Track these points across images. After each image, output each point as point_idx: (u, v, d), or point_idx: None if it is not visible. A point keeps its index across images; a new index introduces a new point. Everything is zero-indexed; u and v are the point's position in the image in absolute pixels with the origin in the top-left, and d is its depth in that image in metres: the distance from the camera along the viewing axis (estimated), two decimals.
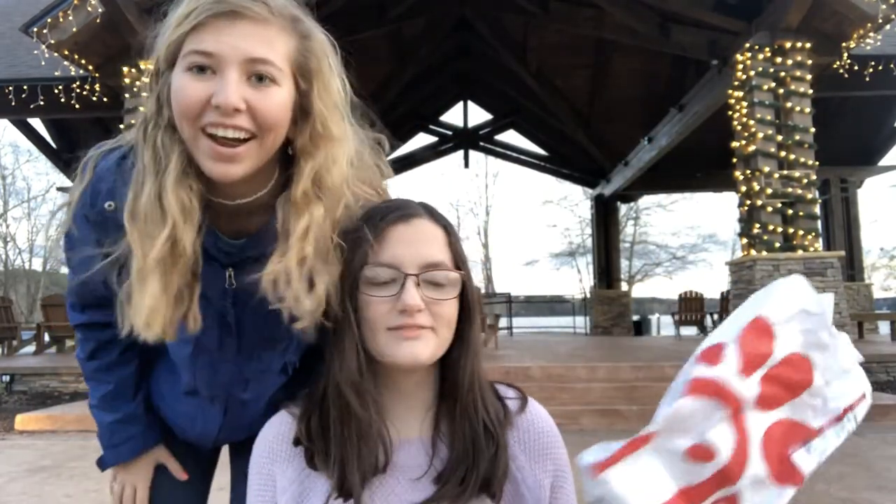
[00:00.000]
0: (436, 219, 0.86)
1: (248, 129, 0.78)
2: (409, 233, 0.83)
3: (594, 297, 15.76)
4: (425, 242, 0.83)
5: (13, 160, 30.03)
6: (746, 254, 7.15)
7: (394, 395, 0.85)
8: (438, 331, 0.81)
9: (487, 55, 13.47)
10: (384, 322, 0.80)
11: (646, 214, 31.30)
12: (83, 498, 3.66)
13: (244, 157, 0.79)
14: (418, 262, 0.81)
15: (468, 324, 0.85)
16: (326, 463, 0.80)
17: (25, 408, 6.85)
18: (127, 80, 7.28)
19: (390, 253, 0.82)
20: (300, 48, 0.83)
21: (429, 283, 0.81)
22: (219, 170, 0.79)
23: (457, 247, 0.86)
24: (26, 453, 4.89)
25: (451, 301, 0.83)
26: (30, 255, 31.34)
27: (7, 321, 10.59)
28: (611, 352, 9.42)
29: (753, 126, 7.13)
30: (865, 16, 6.71)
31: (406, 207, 0.86)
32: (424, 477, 0.81)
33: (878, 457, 4.38)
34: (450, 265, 0.83)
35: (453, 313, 0.83)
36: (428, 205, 0.89)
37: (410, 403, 0.85)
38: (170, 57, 0.82)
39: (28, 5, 10.40)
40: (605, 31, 10.24)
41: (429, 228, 0.84)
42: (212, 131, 0.77)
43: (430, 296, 0.81)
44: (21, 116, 10.74)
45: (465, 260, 0.87)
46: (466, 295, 0.85)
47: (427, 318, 0.80)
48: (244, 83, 0.78)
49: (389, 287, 0.81)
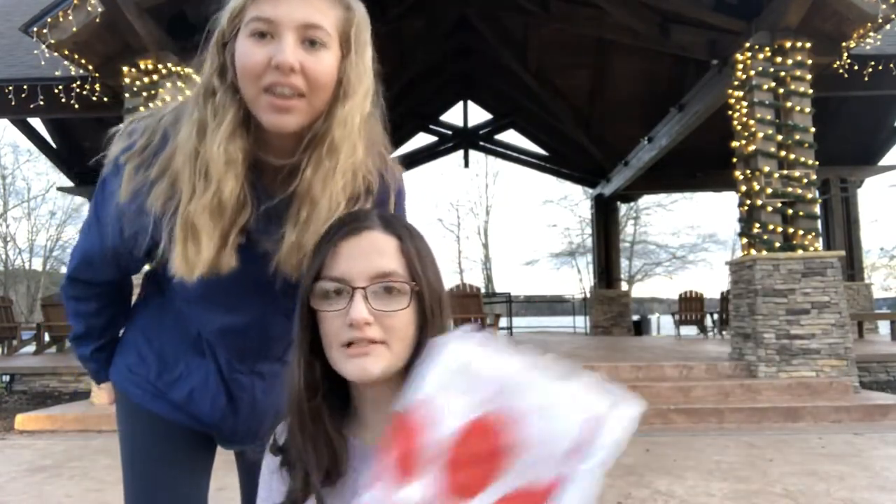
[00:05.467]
0: (390, 227, 0.85)
1: (301, 89, 0.88)
2: (359, 245, 0.82)
3: (594, 297, 15.75)
4: (374, 254, 0.82)
5: (13, 160, 30.04)
6: (746, 253, 7.15)
7: (365, 404, 0.86)
8: (391, 344, 0.80)
9: (487, 55, 13.46)
10: (337, 338, 0.80)
11: (646, 214, 31.33)
12: (83, 498, 3.66)
13: (297, 111, 0.89)
14: (367, 274, 0.80)
15: (426, 333, 0.83)
16: (289, 471, 0.83)
17: (25, 408, 6.85)
18: (127, 80, 7.27)
19: (340, 267, 0.81)
20: (345, 17, 0.92)
21: (378, 294, 0.80)
22: (276, 120, 0.89)
23: (411, 254, 0.83)
24: (26, 453, 4.89)
25: (403, 312, 0.81)
26: (30, 255, 31.36)
27: (7, 321, 10.59)
28: (611, 352, 9.42)
29: (753, 126, 7.13)
30: (865, 16, 6.70)
31: (358, 220, 0.85)
32: None
33: (878, 457, 4.38)
34: (402, 274, 0.82)
35: (406, 324, 0.81)
36: (385, 215, 0.88)
37: (383, 412, 0.84)
38: (233, 26, 0.91)
39: (28, 5, 10.39)
40: (605, 31, 10.23)
41: (379, 239, 0.83)
42: (271, 89, 0.87)
43: (381, 308, 0.80)
44: (21, 116, 10.73)
45: (426, 266, 0.85)
46: (423, 302, 0.83)
47: (377, 331, 0.79)
48: (299, 47, 0.87)
49: (340, 301, 0.80)
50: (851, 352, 6.66)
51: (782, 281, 6.74)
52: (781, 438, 5.05)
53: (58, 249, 32.00)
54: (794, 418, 5.72)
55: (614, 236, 16.50)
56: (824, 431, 5.28)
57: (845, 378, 6.50)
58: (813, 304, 6.70)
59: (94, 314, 1.19)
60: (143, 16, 6.92)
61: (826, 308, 6.69)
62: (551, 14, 10.58)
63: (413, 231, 0.87)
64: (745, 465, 4.22)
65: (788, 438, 5.04)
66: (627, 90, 12.83)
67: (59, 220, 31.39)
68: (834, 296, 6.71)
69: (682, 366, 6.92)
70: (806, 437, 5.04)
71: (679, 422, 5.71)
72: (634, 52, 11.30)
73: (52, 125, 12.25)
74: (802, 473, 3.96)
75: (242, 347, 1.10)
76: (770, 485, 3.73)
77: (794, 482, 3.77)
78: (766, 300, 6.73)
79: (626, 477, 3.88)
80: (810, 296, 6.71)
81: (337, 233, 0.84)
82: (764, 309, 6.72)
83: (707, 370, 6.91)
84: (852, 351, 6.69)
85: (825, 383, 6.44)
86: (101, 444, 5.17)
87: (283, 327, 1.03)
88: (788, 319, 6.68)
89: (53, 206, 33.93)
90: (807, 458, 4.35)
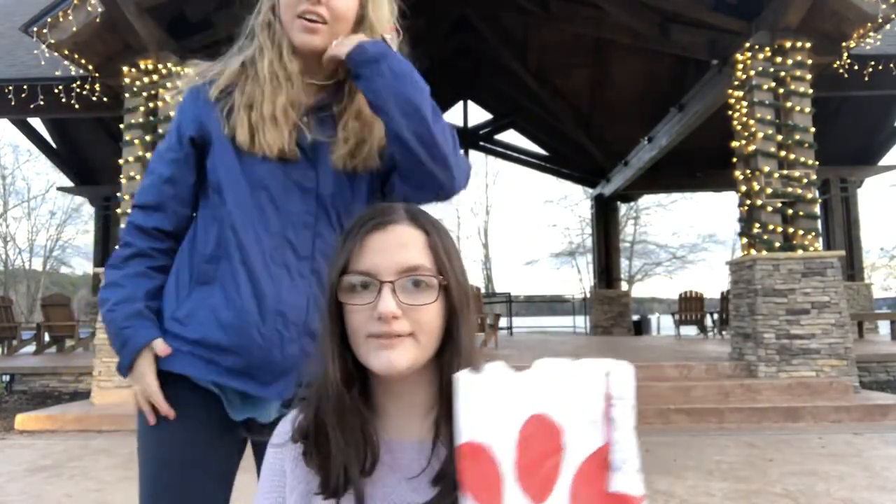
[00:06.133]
0: (416, 222, 0.85)
1: (325, 17, 1.15)
2: (386, 239, 0.82)
3: (594, 297, 15.75)
4: (402, 247, 0.82)
5: (13, 160, 30.13)
6: (746, 253, 7.15)
7: (391, 397, 0.86)
8: (419, 337, 0.81)
9: (487, 55, 13.47)
10: (364, 330, 0.80)
11: (646, 214, 31.35)
12: (83, 498, 3.66)
13: (321, 32, 1.16)
14: (394, 268, 0.81)
15: (456, 325, 0.83)
16: (315, 461, 0.82)
17: (25, 408, 6.85)
18: (127, 80, 7.27)
19: (367, 261, 0.82)
20: None
21: (406, 288, 0.81)
22: (305, 39, 1.16)
23: (438, 249, 0.84)
24: (26, 453, 4.89)
25: (431, 306, 0.81)
26: (30, 255, 31.39)
27: (7, 321, 10.59)
28: (611, 352, 9.43)
29: (753, 126, 7.13)
30: (865, 15, 6.70)
31: (384, 214, 0.85)
32: (422, 476, 0.81)
33: (878, 457, 4.39)
34: (429, 268, 0.82)
35: (434, 318, 0.82)
36: (412, 207, 0.88)
37: (409, 405, 0.85)
38: None
39: (28, 5, 10.39)
40: (605, 30, 10.23)
41: (406, 232, 0.84)
42: (303, 15, 1.15)
43: (408, 302, 0.80)
44: (21, 116, 10.74)
45: (453, 260, 0.85)
46: (451, 296, 0.83)
47: (405, 325, 0.80)
48: None
49: (367, 295, 0.81)
50: (851, 352, 6.66)
51: (782, 281, 6.74)
52: (781, 438, 5.05)
53: (58, 249, 32.04)
54: (794, 418, 5.72)
55: (614, 236, 16.50)
56: (824, 431, 5.28)
57: (845, 378, 6.50)
58: (813, 304, 6.70)
59: (145, 275, 1.22)
60: (143, 16, 6.92)
61: (826, 308, 6.69)
62: (551, 14, 10.58)
63: (439, 226, 0.87)
64: (745, 465, 4.22)
65: (788, 438, 5.04)
66: (627, 90, 12.83)
67: (59, 220, 31.44)
68: (834, 296, 6.71)
69: (682, 366, 6.92)
70: (806, 437, 5.04)
71: (679, 422, 5.71)
72: (634, 52, 11.30)
73: (52, 125, 12.26)
74: (802, 473, 3.96)
75: (278, 242, 1.18)
76: (770, 485, 3.73)
77: (794, 482, 3.77)
78: (766, 300, 6.73)
79: None
80: (810, 296, 6.71)
81: (363, 227, 0.84)
82: (764, 309, 6.72)
83: (707, 370, 6.91)
84: (852, 351, 6.69)
85: (825, 383, 6.44)
86: (101, 444, 5.17)
87: (308, 234, 1.19)
88: (788, 319, 6.68)
89: (53, 206, 34.00)
90: (807, 458, 4.35)
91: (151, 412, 1.15)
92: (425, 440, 0.84)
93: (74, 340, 10.95)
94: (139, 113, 7.25)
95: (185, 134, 1.22)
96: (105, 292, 1.20)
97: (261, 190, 1.17)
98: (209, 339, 1.14)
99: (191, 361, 1.15)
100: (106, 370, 6.57)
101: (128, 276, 1.20)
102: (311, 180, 1.19)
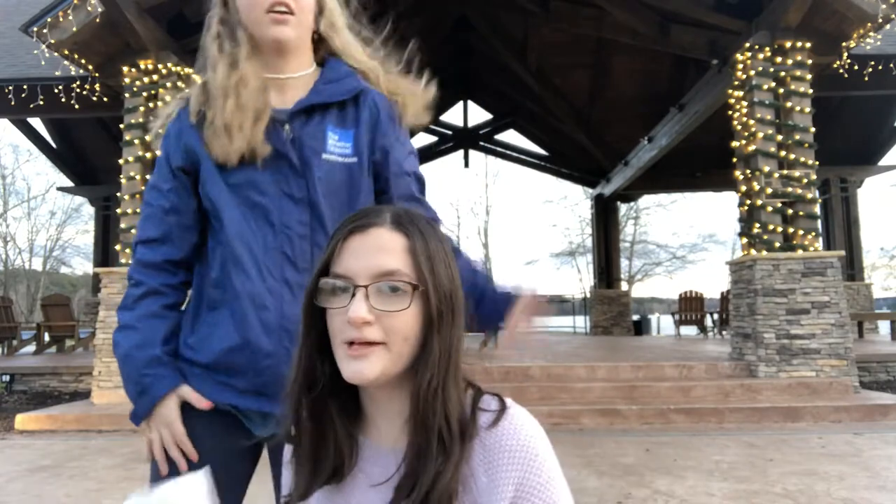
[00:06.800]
0: (399, 225, 0.82)
1: (292, 8, 1.18)
2: (364, 242, 0.80)
3: (594, 297, 15.75)
4: (379, 251, 0.80)
5: (13, 160, 30.17)
6: (746, 253, 7.15)
7: (372, 403, 0.85)
8: (392, 346, 0.78)
9: (487, 55, 13.46)
10: (340, 335, 0.79)
11: (646, 214, 31.36)
12: (83, 498, 3.66)
13: (292, 24, 1.19)
14: (369, 272, 0.78)
15: (432, 333, 0.80)
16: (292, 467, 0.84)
17: (25, 408, 6.85)
18: (127, 80, 7.27)
19: (344, 264, 0.80)
20: None
21: (382, 293, 0.78)
22: (278, 31, 1.19)
23: (419, 254, 0.80)
24: (26, 453, 4.89)
25: (404, 312, 0.78)
26: (30, 255, 31.39)
27: (7, 321, 10.59)
28: (611, 352, 9.42)
29: (753, 126, 7.13)
30: (865, 15, 6.70)
31: (367, 216, 0.83)
32: (386, 485, 0.80)
33: (878, 457, 4.38)
34: (407, 273, 0.79)
35: (408, 326, 0.78)
36: (399, 210, 0.85)
37: (387, 412, 0.84)
38: None
39: (28, 5, 10.41)
40: (605, 30, 10.22)
41: (386, 236, 0.81)
42: (272, 9, 1.17)
43: (381, 307, 0.77)
44: (21, 116, 10.74)
45: (436, 266, 0.81)
46: (430, 304, 0.80)
47: (377, 332, 0.77)
48: None
49: (343, 298, 0.79)
50: (851, 352, 6.66)
51: (782, 281, 6.74)
52: (781, 438, 5.05)
53: (58, 249, 32.04)
54: (794, 418, 5.72)
55: (614, 236, 16.50)
56: (824, 431, 5.28)
57: (845, 378, 6.50)
58: (813, 304, 6.70)
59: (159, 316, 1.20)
60: (143, 16, 6.92)
61: (826, 308, 6.69)
62: (551, 14, 10.58)
63: (427, 230, 0.83)
64: (745, 465, 4.22)
65: (788, 438, 5.04)
66: (627, 90, 12.84)
67: (59, 219, 31.46)
68: (834, 296, 6.71)
69: (682, 366, 6.92)
70: (806, 437, 5.04)
71: (679, 422, 5.71)
72: (634, 51, 11.29)
73: (52, 125, 12.26)
74: (802, 473, 3.96)
75: (276, 258, 1.17)
76: (770, 485, 3.73)
77: (794, 482, 3.77)
78: (766, 300, 6.73)
79: (626, 477, 3.88)
80: (810, 296, 6.71)
81: (345, 229, 0.83)
82: (764, 309, 6.72)
83: (707, 370, 6.91)
84: (852, 351, 6.69)
85: (825, 383, 6.44)
86: (101, 444, 5.17)
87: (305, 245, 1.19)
88: (788, 319, 6.68)
89: (53, 206, 34.04)
90: (807, 458, 4.35)
91: (165, 461, 1.14)
92: (398, 448, 0.82)
93: (74, 340, 10.96)
94: (139, 113, 7.25)
95: (173, 165, 1.22)
96: (119, 335, 1.18)
97: (252, 208, 1.17)
98: (220, 363, 1.15)
99: (209, 386, 1.16)
100: (106, 370, 6.57)
101: (142, 318, 1.18)
102: (301, 189, 1.18)
